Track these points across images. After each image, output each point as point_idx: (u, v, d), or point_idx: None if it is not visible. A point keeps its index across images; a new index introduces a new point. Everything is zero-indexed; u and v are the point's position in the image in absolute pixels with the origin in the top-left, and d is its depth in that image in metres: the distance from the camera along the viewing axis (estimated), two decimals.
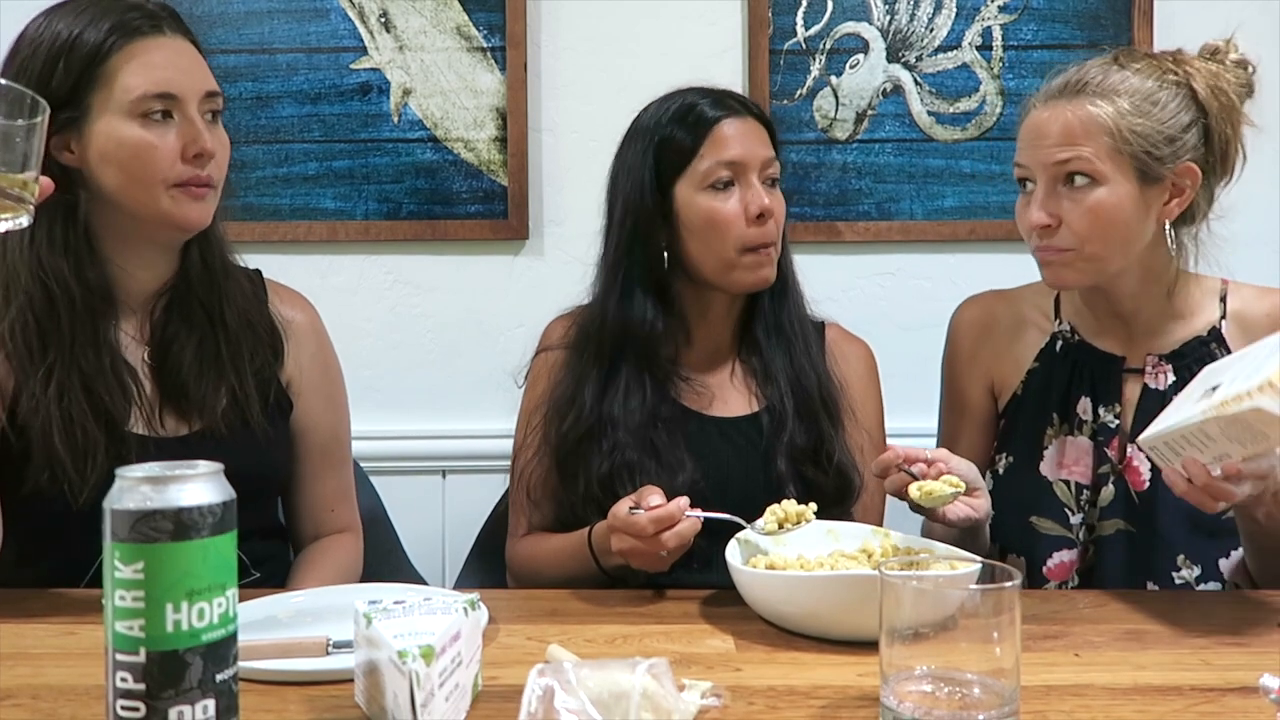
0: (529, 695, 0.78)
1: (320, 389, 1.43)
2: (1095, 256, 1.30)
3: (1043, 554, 1.37)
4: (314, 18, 2.04)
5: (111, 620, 0.70)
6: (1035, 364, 1.44)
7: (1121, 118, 1.28)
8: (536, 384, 1.49)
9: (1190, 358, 1.36)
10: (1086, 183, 1.28)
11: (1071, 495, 1.37)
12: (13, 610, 1.12)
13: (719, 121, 1.39)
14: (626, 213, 1.43)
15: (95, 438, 1.20)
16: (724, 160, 1.38)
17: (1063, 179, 1.29)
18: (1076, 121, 1.28)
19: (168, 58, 1.22)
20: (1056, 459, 1.39)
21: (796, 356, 1.46)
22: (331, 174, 2.06)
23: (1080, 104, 1.29)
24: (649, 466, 1.37)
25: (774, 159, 1.42)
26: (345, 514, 1.47)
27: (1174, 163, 1.29)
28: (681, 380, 1.45)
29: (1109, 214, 1.28)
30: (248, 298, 1.37)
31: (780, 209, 1.42)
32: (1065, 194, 1.29)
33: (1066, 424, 1.40)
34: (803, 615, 1.05)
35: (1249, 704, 0.89)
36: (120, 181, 1.21)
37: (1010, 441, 1.44)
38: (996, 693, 0.80)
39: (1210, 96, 1.31)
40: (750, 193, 1.38)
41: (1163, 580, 1.32)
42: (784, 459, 1.41)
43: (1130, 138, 1.27)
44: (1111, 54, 1.34)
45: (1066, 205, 1.29)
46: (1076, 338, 1.42)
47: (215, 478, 0.73)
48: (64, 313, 1.21)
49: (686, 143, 1.40)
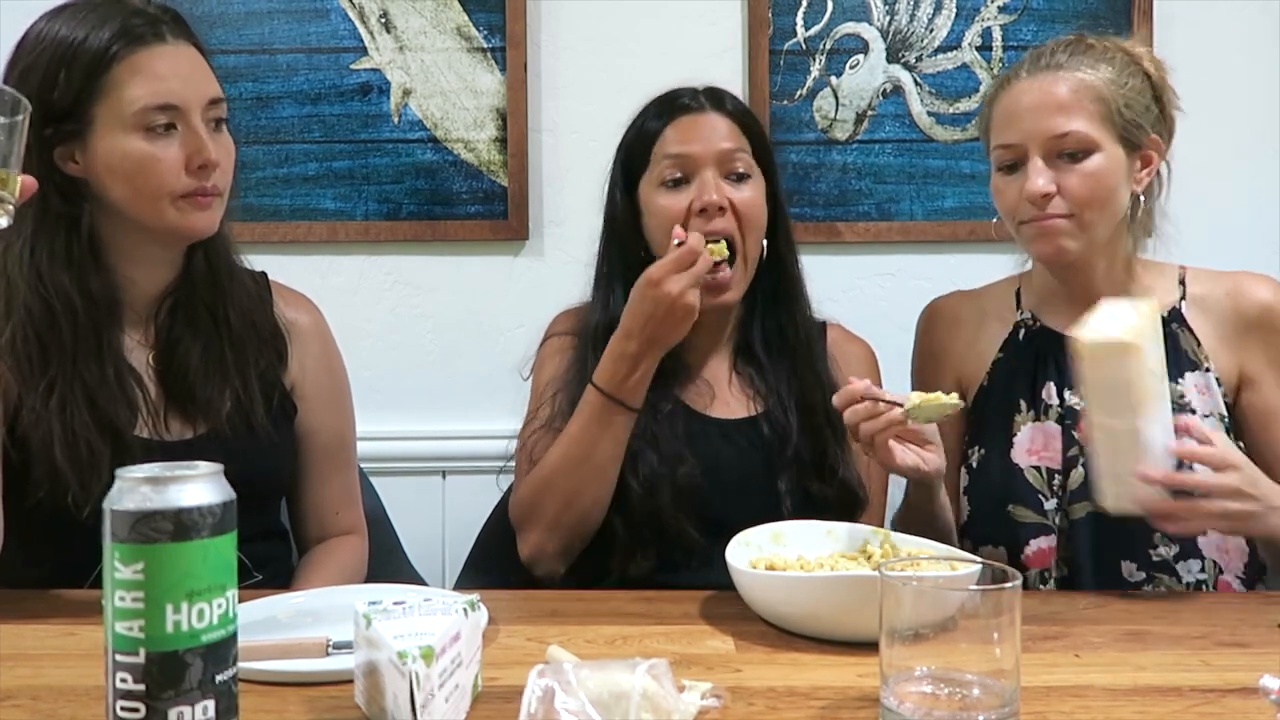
0: (529, 696, 0.78)
1: (325, 391, 1.43)
2: (1090, 224, 1.32)
3: (1021, 542, 1.37)
4: (314, 18, 2.04)
5: (111, 621, 0.70)
6: (1000, 354, 1.46)
7: (1109, 84, 1.32)
8: (546, 365, 1.49)
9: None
10: (1083, 151, 1.31)
11: (1044, 480, 1.38)
12: (13, 611, 1.12)
13: (667, 125, 1.42)
14: (605, 217, 1.48)
15: (100, 451, 1.19)
16: (670, 155, 1.40)
17: (1060, 148, 1.31)
18: (1069, 89, 1.32)
19: (171, 67, 1.21)
20: (1026, 445, 1.40)
21: (800, 368, 1.46)
22: (331, 174, 2.06)
23: (1069, 73, 1.33)
24: (649, 457, 1.37)
25: (735, 151, 1.40)
26: (350, 516, 1.47)
27: (1149, 131, 1.34)
28: (683, 377, 1.45)
29: (1105, 179, 1.31)
30: (252, 300, 1.37)
31: (746, 201, 1.39)
32: (1062, 163, 1.31)
33: (1034, 410, 1.41)
34: (803, 616, 1.05)
35: (1249, 704, 0.89)
36: (125, 194, 1.21)
37: (981, 433, 1.44)
38: (996, 693, 0.80)
39: (1159, 78, 1.36)
40: (700, 186, 1.38)
41: (1141, 559, 1.33)
42: (787, 473, 1.41)
43: (1120, 103, 1.32)
44: (1073, 36, 1.38)
45: (1065, 173, 1.31)
46: (1038, 324, 1.44)
47: (215, 478, 0.73)
48: (65, 326, 1.20)
49: (643, 145, 1.43)
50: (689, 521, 1.36)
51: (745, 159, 1.41)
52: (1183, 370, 1.37)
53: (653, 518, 1.36)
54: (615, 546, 1.38)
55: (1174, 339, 1.38)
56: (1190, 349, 1.38)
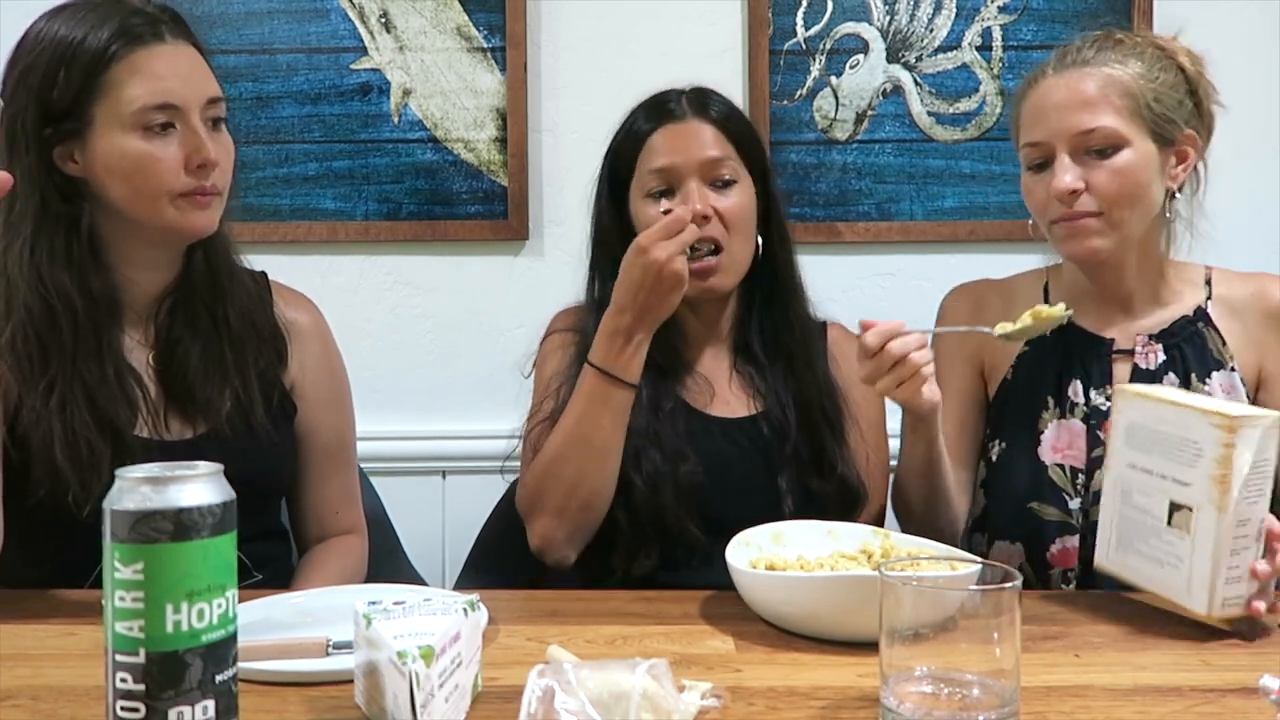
0: (529, 696, 0.78)
1: (324, 391, 1.43)
2: (1121, 222, 1.31)
3: (1046, 540, 1.37)
4: (314, 18, 2.04)
5: (111, 621, 0.70)
6: (1025, 348, 1.44)
7: (1138, 79, 1.30)
8: (548, 360, 1.49)
9: (1179, 336, 1.38)
10: (1111, 147, 1.29)
11: (1068, 479, 1.37)
12: (13, 611, 1.12)
13: (652, 133, 1.42)
14: (593, 223, 1.49)
15: (100, 450, 1.19)
16: (653, 169, 1.41)
17: (1088, 145, 1.30)
18: (1096, 85, 1.30)
19: (169, 66, 1.21)
20: (1052, 443, 1.39)
21: (798, 369, 1.46)
22: (331, 174, 2.06)
23: (1096, 68, 1.31)
24: (652, 455, 1.37)
25: (720, 159, 1.40)
26: (350, 515, 1.47)
27: (1182, 127, 1.32)
28: (684, 375, 1.46)
29: (1135, 175, 1.30)
30: (252, 299, 1.37)
31: (730, 207, 1.40)
32: (1090, 159, 1.30)
33: (1059, 407, 1.40)
34: (803, 616, 1.05)
35: (1249, 704, 0.88)
36: (125, 193, 1.21)
37: (1003, 428, 1.44)
38: (996, 693, 0.80)
39: (1195, 72, 1.35)
40: (684, 196, 1.39)
41: None
42: (787, 471, 1.41)
43: (1149, 98, 1.30)
44: (1101, 32, 1.37)
45: (1093, 170, 1.30)
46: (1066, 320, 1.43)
47: (215, 478, 0.73)
48: (65, 326, 1.20)
49: (626, 159, 1.44)
50: (691, 520, 1.36)
51: (731, 165, 1.41)
52: (1209, 370, 1.36)
53: (656, 516, 1.36)
54: (618, 544, 1.38)
55: (1200, 338, 1.37)
56: (1216, 348, 1.37)
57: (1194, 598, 1.05)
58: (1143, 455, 1.11)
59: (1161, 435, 1.08)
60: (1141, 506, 1.11)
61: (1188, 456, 1.05)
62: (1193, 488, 1.04)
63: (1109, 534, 1.15)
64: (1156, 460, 1.09)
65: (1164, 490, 1.08)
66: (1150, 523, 1.09)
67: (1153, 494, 1.09)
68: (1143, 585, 1.11)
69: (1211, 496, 1.02)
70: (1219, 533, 1.02)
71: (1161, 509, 1.08)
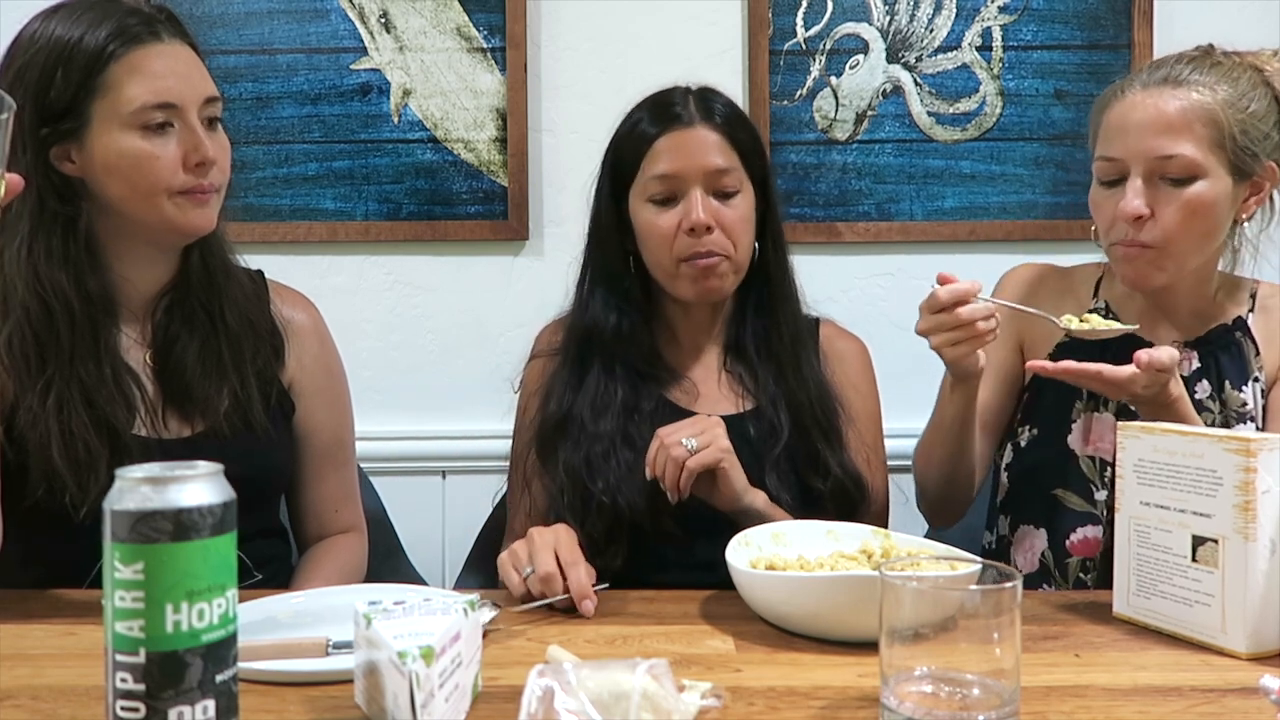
0: (529, 696, 0.78)
1: (322, 390, 1.43)
2: (1179, 255, 1.29)
3: (1067, 528, 1.37)
4: (314, 18, 2.04)
5: (111, 621, 0.70)
6: (1066, 338, 1.42)
7: (1225, 108, 1.26)
8: (527, 386, 1.52)
9: (1215, 344, 1.37)
10: (1188, 177, 1.26)
11: (1096, 471, 1.37)
12: (13, 611, 1.12)
13: (657, 138, 1.40)
14: (591, 221, 1.49)
15: (97, 450, 1.19)
16: (657, 175, 1.40)
17: (1163, 171, 1.27)
18: (1180, 110, 1.26)
19: (167, 65, 1.21)
20: (1083, 434, 1.39)
21: (789, 371, 1.45)
22: (331, 174, 2.06)
23: (1185, 91, 1.27)
24: (625, 456, 1.37)
25: (724, 170, 1.39)
26: (349, 514, 1.48)
27: (1263, 160, 1.29)
28: (667, 376, 1.46)
29: (1205, 209, 1.27)
30: (249, 298, 1.37)
31: (733, 218, 1.39)
32: (1164, 185, 1.27)
33: (1093, 399, 1.39)
34: (803, 616, 1.05)
35: (1249, 704, 0.88)
36: (123, 192, 1.21)
37: (1035, 414, 1.43)
38: (996, 693, 0.80)
39: None
40: (688, 205, 1.38)
41: None
42: (777, 471, 1.40)
43: (1233, 129, 1.26)
44: (1198, 50, 1.33)
45: (1164, 197, 1.27)
46: (1110, 317, 1.42)
47: (215, 478, 0.73)
48: (63, 326, 1.20)
49: (629, 159, 1.43)
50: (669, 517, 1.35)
51: (735, 175, 1.40)
52: (1246, 379, 1.36)
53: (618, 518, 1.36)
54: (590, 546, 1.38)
55: (1237, 348, 1.36)
56: (1249, 357, 1.37)
57: (1230, 636, 0.99)
58: (1156, 491, 1.05)
59: (1174, 468, 1.04)
60: (1160, 545, 1.05)
61: (1206, 486, 1.01)
62: (1216, 518, 0.99)
63: (1126, 579, 1.09)
64: (1171, 494, 1.04)
65: (1184, 524, 1.02)
66: (1172, 561, 1.04)
67: (1172, 530, 1.03)
68: (1169, 630, 1.04)
69: (1237, 525, 0.98)
70: (1250, 563, 0.98)
71: (1183, 545, 1.02)
